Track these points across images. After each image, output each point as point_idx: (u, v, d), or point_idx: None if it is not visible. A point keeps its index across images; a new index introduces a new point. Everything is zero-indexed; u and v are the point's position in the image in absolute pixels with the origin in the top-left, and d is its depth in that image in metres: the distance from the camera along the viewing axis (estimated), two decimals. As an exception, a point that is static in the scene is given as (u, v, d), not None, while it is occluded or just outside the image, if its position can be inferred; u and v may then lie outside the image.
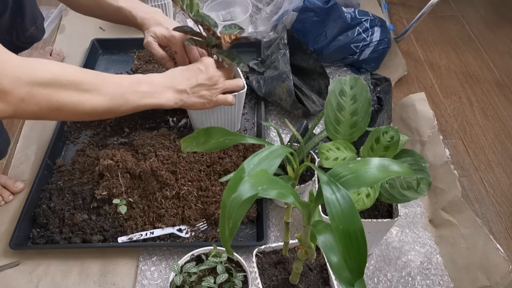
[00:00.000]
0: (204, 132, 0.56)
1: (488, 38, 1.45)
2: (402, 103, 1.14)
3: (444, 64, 1.36)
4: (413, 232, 0.91)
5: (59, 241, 0.86)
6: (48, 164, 1.00)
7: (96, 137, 1.07)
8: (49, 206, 0.90)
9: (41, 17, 1.00)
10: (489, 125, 1.17)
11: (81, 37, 1.23)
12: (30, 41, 1.00)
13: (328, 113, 0.72)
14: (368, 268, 0.85)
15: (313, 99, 1.14)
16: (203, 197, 0.92)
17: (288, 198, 0.46)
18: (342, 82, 0.72)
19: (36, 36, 1.00)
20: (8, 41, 0.95)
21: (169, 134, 1.01)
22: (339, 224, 0.43)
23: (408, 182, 0.68)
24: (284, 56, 1.08)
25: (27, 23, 0.95)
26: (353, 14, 1.21)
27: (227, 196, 0.44)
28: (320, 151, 0.70)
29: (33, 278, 0.85)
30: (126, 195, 0.90)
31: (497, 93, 1.26)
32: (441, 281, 0.84)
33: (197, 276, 0.71)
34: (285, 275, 0.70)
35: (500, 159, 1.08)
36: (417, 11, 1.30)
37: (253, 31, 1.41)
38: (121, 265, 0.87)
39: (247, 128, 1.11)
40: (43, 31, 1.02)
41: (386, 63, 1.28)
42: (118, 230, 0.88)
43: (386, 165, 0.49)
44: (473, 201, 0.99)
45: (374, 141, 0.69)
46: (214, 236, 0.88)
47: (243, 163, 0.49)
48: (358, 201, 0.69)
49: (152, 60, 1.27)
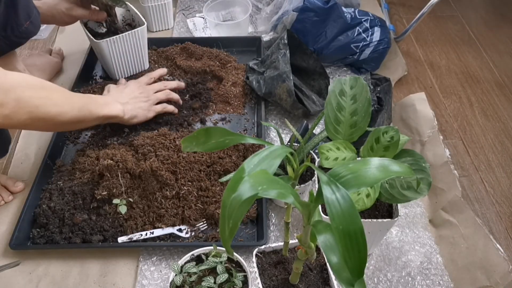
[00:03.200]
0: (204, 132, 0.56)
1: (488, 38, 1.45)
2: (402, 103, 1.14)
3: (444, 64, 1.36)
4: (413, 232, 0.91)
5: (59, 241, 0.86)
6: (48, 164, 1.00)
7: (96, 137, 1.07)
8: (49, 206, 0.90)
9: (36, 12, 1.00)
10: (489, 125, 1.17)
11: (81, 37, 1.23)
12: (25, 36, 1.00)
13: (328, 113, 0.72)
14: (368, 268, 0.85)
15: (313, 99, 1.14)
16: (203, 197, 0.92)
17: (288, 198, 0.46)
18: (342, 82, 0.72)
19: (31, 31, 1.00)
20: (3, 36, 0.95)
21: (169, 134, 1.01)
22: (339, 224, 0.43)
23: (408, 182, 0.68)
24: (284, 56, 1.08)
25: (21, 18, 0.96)
26: (353, 14, 1.21)
27: (227, 196, 0.44)
28: (320, 151, 0.70)
29: (33, 278, 0.85)
30: (126, 195, 0.90)
31: (497, 93, 1.26)
32: (441, 281, 0.84)
33: (197, 276, 0.71)
34: (285, 275, 0.70)
35: (500, 159, 1.08)
36: (417, 11, 1.30)
37: (253, 31, 1.41)
38: (121, 265, 0.87)
39: (247, 128, 1.11)
40: (39, 26, 1.02)
41: (386, 63, 1.28)
42: (118, 230, 0.88)
43: (386, 165, 0.49)
44: (473, 201, 0.99)
45: (374, 141, 0.69)
46: (214, 236, 0.88)
47: (243, 163, 0.49)
48: (358, 201, 0.69)
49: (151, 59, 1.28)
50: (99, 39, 1.11)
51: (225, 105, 1.15)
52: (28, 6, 0.98)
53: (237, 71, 1.21)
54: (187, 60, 1.25)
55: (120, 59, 1.16)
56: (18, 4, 0.93)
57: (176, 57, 1.26)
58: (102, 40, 1.10)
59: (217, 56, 1.26)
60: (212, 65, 1.23)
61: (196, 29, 1.42)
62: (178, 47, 1.29)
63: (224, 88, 1.17)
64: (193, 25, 1.44)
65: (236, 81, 1.18)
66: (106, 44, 1.11)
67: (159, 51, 1.30)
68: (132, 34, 1.12)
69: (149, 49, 1.26)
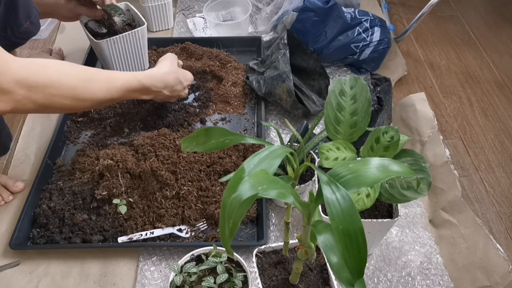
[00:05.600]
0: (204, 132, 0.56)
1: (488, 38, 1.45)
2: (402, 103, 1.14)
3: (444, 64, 1.36)
4: (413, 232, 0.91)
5: (59, 241, 0.86)
6: (48, 164, 1.00)
7: (96, 137, 1.07)
8: (49, 206, 0.90)
9: (36, 12, 1.00)
10: (489, 125, 1.17)
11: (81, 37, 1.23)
12: (25, 37, 1.00)
13: (328, 113, 0.72)
14: (368, 268, 0.85)
15: (313, 99, 1.14)
16: (203, 197, 0.92)
17: (288, 198, 0.46)
18: (342, 82, 0.72)
19: (31, 31, 1.00)
20: (3, 36, 0.95)
21: (169, 134, 1.01)
22: (339, 224, 0.43)
23: (408, 182, 0.68)
24: (284, 56, 1.08)
25: (21, 18, 0.96)
26: (353, 14, 1.21)
27: (227, 196, 0.44)
28: (320, 151, 0.70)
29: (33, 278, 0.85)
30: (126, 195, 0.90)
31: (497, 93, 1.26)
32: (441, 281, 0.84)
33: (197, 276, 0.71)
34: (285, 275, 0.70)
35: (500, 159, 1.08)
36: (417, 11, 1.30)
37: (253, 31, 1.41)
38: (121, 265, 0.87)
39: (247, 128, 1.11)
40: (39, 26, 1.02)
41: (386, 63, 1.28)
42: (118, 230, 0.88)
43: (386, 165, 0.49)
44: (473, 201, 0.99)
45: (374, 141, 0.69)
46: (214, 236, 0.88)
47: (243, 163, 0.49)
48: (358, 201, 0.69)
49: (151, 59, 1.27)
50: (99, 39, 1.11)
51: (225, 105, 1.15)
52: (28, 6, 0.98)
53: (237, 71, 1.21)
54: (187, 60, 1.25)
55: (120, 59, 1.16)
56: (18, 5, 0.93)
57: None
58: (102, 40, 1.10)
59: (217, 56, 1.26)
60: (212, 65, 1.23)
61: (196, 29, 1.42)
62: (178, 47, 1.29)
63: (224, 88, 1.17)
64: (193, 25, 1.44)
65: (236, 81, 1.18)
66: (106, 44, 1.11)
67: (159, 51, 1.30)
68: (132, 34, 1.12)
69: (149, 49, 1.26)
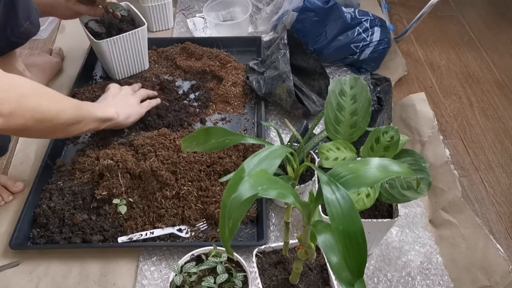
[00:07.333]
0: (204, 132, 0.56)
1: (488, 38, 1.45)
2: (402, 103, 1.14)
3: (444, 64, 1.36)
4: (413, 232, 0.91)
5: (59, 241, 0.86)
6: (48, 164, 1.00)
7: (96, 137, 1.07)
8: (49, 206, 0.90)
9: (35, 12, 1.00)
10: (489, 125, 1.17)
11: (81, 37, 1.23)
12: (25, 37, 1.00)
13: (328, 113, 0.72)
14: (368, 268, 0.85)
15: (313, 99, 1.14)
16: (203, 197, 0.92)
17: (288, 198, 0.46)
18: (342, 82, 0.72)
19: (31, 31, 1.00)
20: (3, 36, 0.95)
21: (169, 134, 1.01)
22: (339, 224, 0.43)
23: (408, 182, 0.68)
24: (284, 56, 1.08)
25: (21, 18, 0.96)
26: (353, 14, 1.21)
27: (227, 196, 0.44)
28: (320, 151, 0.70)
29: (33, 278, 0.85)
30: (126, 195, 0.90)
31: (497, 93, 1.26)
32: (441, 281, 0.84)
33: (197, 276, 0.71)
34: (285, 275, 0.70)
35: (500, 159, 1.08)
36: (417, 11, 1.30)
37: (253, 31, 1.41)
38: (121, 265, 0.87)
39: (247, 128, 1.11)
40: (38, 26, 1.02)
41: (386, 63, 1.28)
42: (118, 230, 0.88)
43: (386, 165, 0.49)
44: (473, 201, 0.99)
45: (374, 141, 0.69)
46: (214, 236, 0.88)
47: (243, 163, 0.49)
48: (358, 201, 0.68)
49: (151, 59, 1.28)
50: (99, 39, 1.11)
51: (225, 105, 1.15)
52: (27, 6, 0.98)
53: (237, 71, 1.21)
54: (187, 60, 1.25)
55: (120, 59, 1.16)
56: (17, 5, 0.93)
57: (176, 57, 1.26)
58: (102, 40, 1.10)
59: (217, 56, 1.26)
60: (212, 65, 1.23)
61: (196, 29, 1.42)
62: (178, 47, 1.29)
63: (224, 88, 1.17)
64: (193, 25, 1.44)
65: (236, 81, 1.18)
66: (106, 44, 1.11)
67: (159, 51, 1.30)
68: (132, 34, 1.12)
69: (149, 49, 1.26)
